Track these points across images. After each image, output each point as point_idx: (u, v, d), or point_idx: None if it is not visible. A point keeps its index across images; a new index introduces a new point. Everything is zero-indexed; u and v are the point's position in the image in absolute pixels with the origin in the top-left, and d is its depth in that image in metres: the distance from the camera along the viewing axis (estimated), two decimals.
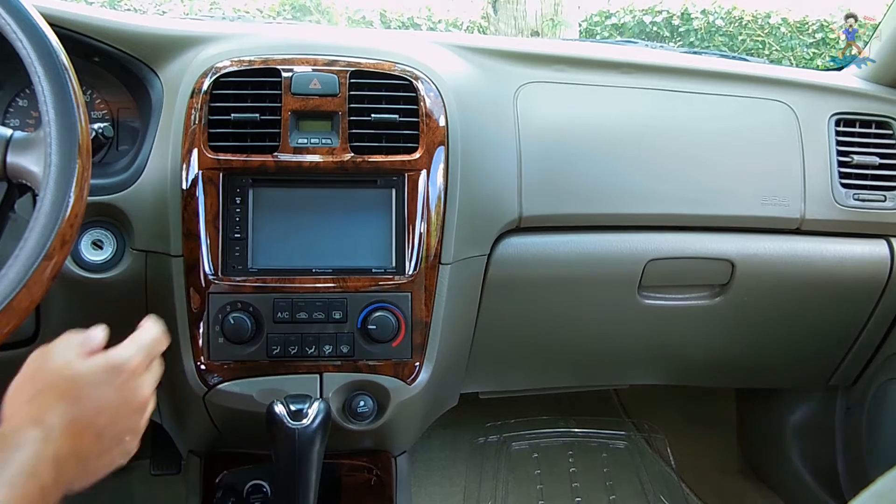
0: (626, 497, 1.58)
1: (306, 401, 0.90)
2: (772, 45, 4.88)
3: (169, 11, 4.58)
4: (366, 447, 1.12)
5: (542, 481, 1.60)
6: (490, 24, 4.74)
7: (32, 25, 0.71)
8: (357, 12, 5.09)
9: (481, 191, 1.03)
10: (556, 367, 1.35)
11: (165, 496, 1.41)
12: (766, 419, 1.62)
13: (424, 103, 0.98)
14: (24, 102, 1.03)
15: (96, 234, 0.97)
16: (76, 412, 0.61)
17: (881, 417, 1.35)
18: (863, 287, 1.25)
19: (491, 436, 1.70)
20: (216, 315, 0.93)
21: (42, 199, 0.67)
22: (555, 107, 1.11)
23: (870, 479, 0.66)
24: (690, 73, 1.20)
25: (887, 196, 1.22)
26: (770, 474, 1.62)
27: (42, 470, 0.57)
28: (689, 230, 1.16)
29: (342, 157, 0.95)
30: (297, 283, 0.95)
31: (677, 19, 5.06)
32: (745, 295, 1.20)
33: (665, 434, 1.74)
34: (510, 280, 1.10)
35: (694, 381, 1.49)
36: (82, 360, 0.64)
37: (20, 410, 0.60)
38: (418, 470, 1.59)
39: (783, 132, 1.19)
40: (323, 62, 0.98)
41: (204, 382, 0.95)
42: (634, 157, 1.12)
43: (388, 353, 0.97)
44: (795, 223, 1.18)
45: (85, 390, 0.63)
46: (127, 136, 1.05)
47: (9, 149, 0.72)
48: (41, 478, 0.57)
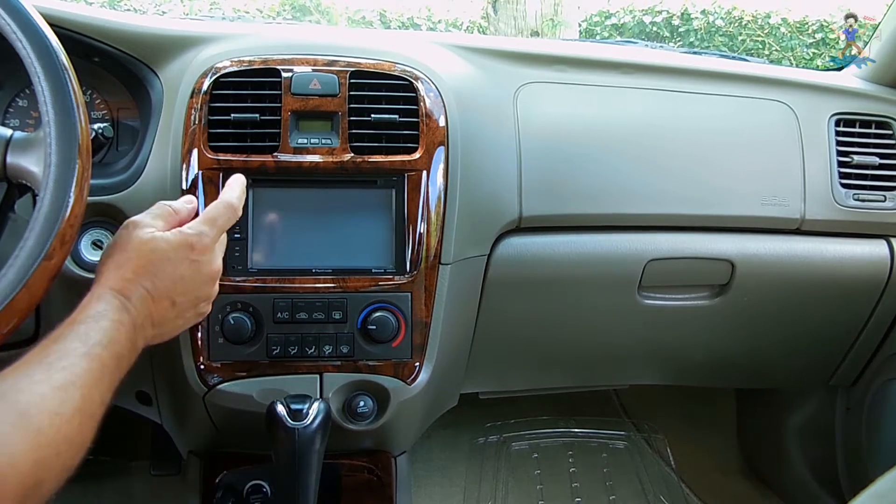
0: (626, 497, 1.58)
1: (306, 401, 0.90)
2: (772, 45, 4.88)
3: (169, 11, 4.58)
4: (366, 447, 1.12)
5: (542, 481, 1.60)
6: (490, 24, 4.74)
7: (32, 25, 0.71)
8: (357, 12, 5.09)
9: (481, 191, 1.03)
10: (556, 367, 1.35)
11: (165, 496, 1.41)
12: (766, 419, 1.62)
13: (424, 103, 0.98)
14: (24, 102, 1.03)
15: (96, 234, 0.97)
16: (154, 284, 0.70)
17: (881, 417, 1.35)
18: (863, 287, 1.25)
19: (491, 436, 1.70)
20: (216, 315, 0.93)
21: (42, 200, 0.67)
22: (555, 107, 1.11)
23: (870, 479, 0.66)
24: (690, 73, 1.20)
25: (887, 196, 1.22)
26: (770, 474, 1.62)
27: (120, 338, 0.65)
28: (689, 230, 1.16)
29: (342, 157, 0.95)
30: (297, 283, 0.95)
31: (677, 19, 5.06)
32: (745, 295, 1.20)
33: (665, 434, 1.74)
34: (510, 280, 1.10)
35: (694, 382, 1.49)
36: (162, 235, 0.72)
37: (108, 276, 0.69)
38: (418, 470, 1.59)
39: (783, 132, 1.19)
40: (323, 62, 0.98)
41: (204, 382, 0.95)
42: (634, 157, 1.12)
43: (388, 353, 0.97)
44: (795, 223, 1.18)
45: (162, 264, 0.71)
46: (127, 136, 1.05)
47: (9, 149, 0.72)
48: (119, 346, 0.65)
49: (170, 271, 0.71)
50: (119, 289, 0.68)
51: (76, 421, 0.57)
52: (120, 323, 0.66)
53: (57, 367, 0.59)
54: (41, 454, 0.53)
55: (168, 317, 0.72)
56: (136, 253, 0.70)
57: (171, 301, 0.72)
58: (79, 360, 0.60)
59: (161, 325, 0.72)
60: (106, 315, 0.65)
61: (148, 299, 0.70)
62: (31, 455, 0.53)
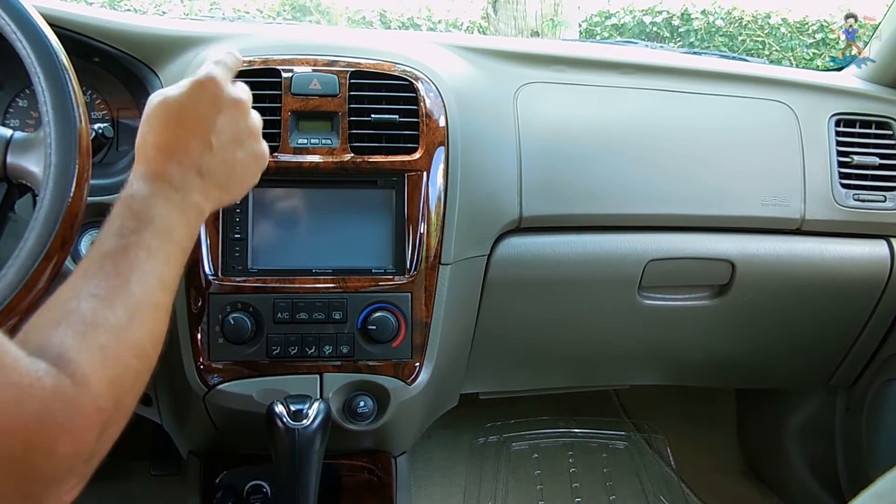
0: (626, 497, 1.58)
1: (306, 401, 0.90)
2: (772, 46, 4.88)
3: (169, 11, 4.57)
4: (366, 447, 1.12)
5: (542, 481, 1.60)
6: (490, 24, 4.74)
7: (32, 26, 0.71)
8: (357, 12, 5.09)
9: (481, 191, 1.03)
10: (556, 367, 1.35)
11: (165, 496, 1.41)
12: (766, 419, 1.62)
13: (424, 103, 0.98)
14: (24, 102, 1.03)
15: (96, 234, 0.96)
16: (178, 140, 0.65)
17: (881, 417, 1.35)
18: (863, 287, 1.25)
19: (491, 436, 1.70)
20: (216, 315, 0.93)
21: (42, 200, 0.67)
22: (555, 107, 1.11)
23: (870, 479, 0.66)
24: (690, 73, 1.20)
25: (887, 196, 1.22)
26: (770, 474, 1.62)
27: (165, 216, 0.61)
28: (690, 230, 1.16)
29: (342, 157, 0.95)
30: (297, 283, 0.95)
31: (677, 19, 5.05)
32: (745, 295, 1.20)
33: (665, 434, 1.74)
34: (510, 280, 1.10)
35: (694, 382, 1.49)
36: (169, 89, 0.67)
37: (138, 162, 0.64)
38: (418, 470, 1.59)
39: (783, 132, 1.19)
40: (323, 62, 0.98)
41: (204, 383, 0.95)
42: (635, 158, 1.12)
43: (389, 353, 0.97)
44: (795, 223, 1.18)
45: (178, 115, 0.65)
46: (127, 136, 1.05)
47: (9, 149, 0.72)
48: (164, 222, 0.61)
49: (188, 116, 0.66)
50: (146, 170, 0.63)
51: (136, 324, 0.54)
52: (160, 200, 0.61)
53: (100, 276, 0.54)
54: (111, 371, 0.50)
55: (214, 164, 0.66)
56: (154, 122, 0.65)
57: (206, 146, 0.66)
58: (122, 258, 0.56)
59: (213, 173, 0.66)
60: (141, 200, 0.61)
61: (180, 161, 0.64)
62: (102, 374, 0.49)
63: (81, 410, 0.47)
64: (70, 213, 0.68)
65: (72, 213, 0.68)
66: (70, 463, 0.46)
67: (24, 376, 0.44)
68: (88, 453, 0.48)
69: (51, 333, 0.49)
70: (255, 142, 0.72)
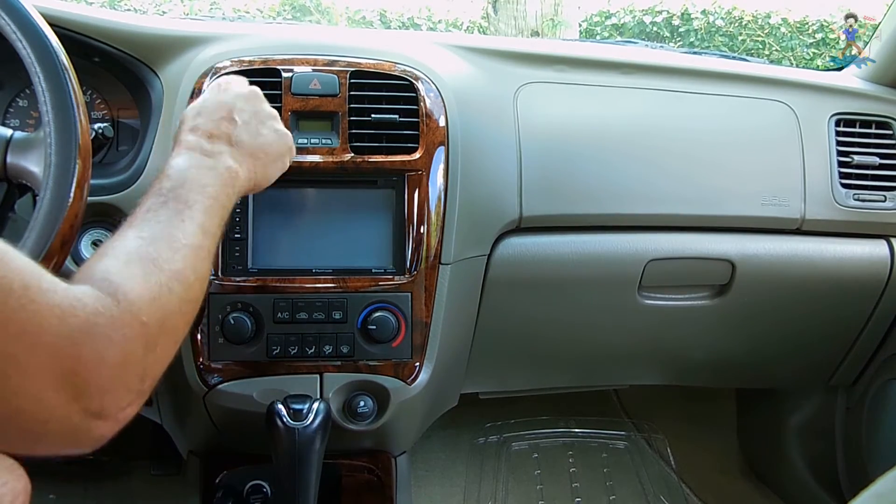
0: (626, 497, 1.58)
1: (306, 401, 0.90)
2: (772, 46, 4.88)
3: (169, 11, 4.58)
4: (366, 447, 1.12)
5: (542, 481, 1.60)
6: (490, 24, 4.74)
7: (32, 25, 0.71)
8: (357, 12, 5.09)
9: (481, 191, 1.03)
10: (556, 367, 1.35)
11: (165, 496, 1.41)
12: (766, 419, 1.62)
13: (424, 103, 0.98)
14: (24, 102, 1.03)
15: (96, 234, 0.97)
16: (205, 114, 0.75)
17: (881, 417, 1.35)
18: (863, 287, 1.25)
19: (491, 436, 1.70)
20: (216, 315, 0.93)
21: (42, 200, 0.67)
22: (555, 107, 1.11)
23: (870, 479, 0.66)
24: (690, 73, 1.20)
25: (887, 196, 1.22)
26: (770, 474, 1.62)
27: (231, 164, 0.71)
28: (690, 230, 1.16)
29: (342, 157, 0.95)
30: (297, 283, 0.95)
31: (677, 19, 5.06)
32: (745, 295, 1.20)
33: (665, 434, 1.74)
34: (510, 280, 1.10)
35: (694, 381, 1.49)
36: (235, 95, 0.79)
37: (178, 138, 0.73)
38: (418, 470, 1.59)
39: (783, 132, 1.19)
40: (323, 62, 0.98)
41: (204, 382, 0.95)
42: (635, 158, 1.12)
43: (389, 353, 0.97)
44: (796, 223, 1.18)
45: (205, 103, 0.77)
46: (127, 137, 1.05)
47: (9, 149, 0.72)
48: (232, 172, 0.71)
49: (211, 104, 0.76)
50: (179, 149, 0.72)
51: (178, 258, 0.59)
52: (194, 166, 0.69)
53: (142, 224, 0.61)
54: (152, 291, 0.54)
55: (242, 135, 0.75)
56: (184, 117, 0.76)
57: (231, 122, 0.75)
58: (162, 209, 0.63)
59: (242, 143, 0.74)
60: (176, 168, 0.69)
61: (209, 134, 0.73)
62: (143, 292, 0.53)
63: (124, 322, 0.51)
64: (70, 213, 0.68)
65: (72, 214, 0.68)
66: (120, 373, 0.50)
67: (65, 298, 0.49)
68: (139, 366, 0.52)
69: (95, 265, 0.55)
70: (276, 122, 0.81)
